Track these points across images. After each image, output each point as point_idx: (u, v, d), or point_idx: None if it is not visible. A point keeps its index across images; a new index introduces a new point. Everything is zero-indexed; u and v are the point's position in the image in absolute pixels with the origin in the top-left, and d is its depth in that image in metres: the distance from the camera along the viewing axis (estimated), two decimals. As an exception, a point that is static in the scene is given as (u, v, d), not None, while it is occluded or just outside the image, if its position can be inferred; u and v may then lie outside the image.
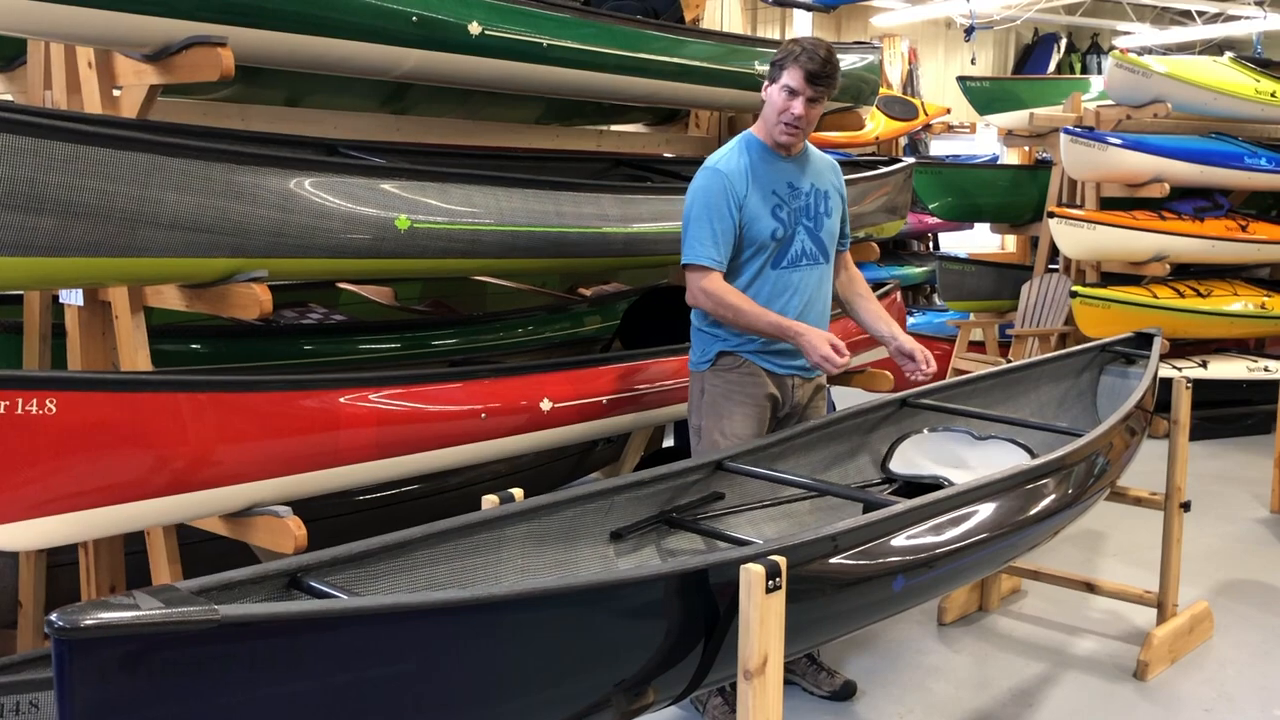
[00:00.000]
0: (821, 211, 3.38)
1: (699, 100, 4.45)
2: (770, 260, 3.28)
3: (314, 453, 2.95)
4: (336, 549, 1.83)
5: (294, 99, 4.34)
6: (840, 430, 3.46)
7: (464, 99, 4.67)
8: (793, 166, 3.33)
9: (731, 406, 3.30)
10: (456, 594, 1.53)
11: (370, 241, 3.07)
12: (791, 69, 3.16)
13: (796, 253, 3.32)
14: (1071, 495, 3.19)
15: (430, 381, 3.20)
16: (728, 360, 3.32)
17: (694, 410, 3.40)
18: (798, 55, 3.16)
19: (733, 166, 3.23)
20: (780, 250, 3.28)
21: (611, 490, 2.49)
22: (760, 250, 3.25)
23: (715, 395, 3.32)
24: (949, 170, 8.38)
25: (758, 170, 3.25)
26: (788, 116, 3.19)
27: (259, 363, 4.33)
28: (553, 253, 3.55)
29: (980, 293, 8.36)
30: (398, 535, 1.94)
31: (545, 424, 3.46)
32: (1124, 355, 4.56)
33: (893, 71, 12.01)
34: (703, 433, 3.35)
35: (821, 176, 3.41)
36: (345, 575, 1.83)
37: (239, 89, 4.08)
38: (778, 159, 3.30)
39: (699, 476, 2.81)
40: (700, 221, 3.18)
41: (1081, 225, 7.03)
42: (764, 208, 3.23)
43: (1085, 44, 13.74)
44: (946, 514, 2.59)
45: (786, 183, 3.30)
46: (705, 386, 3.35)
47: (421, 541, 1.98)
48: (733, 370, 3.31)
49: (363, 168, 3.09)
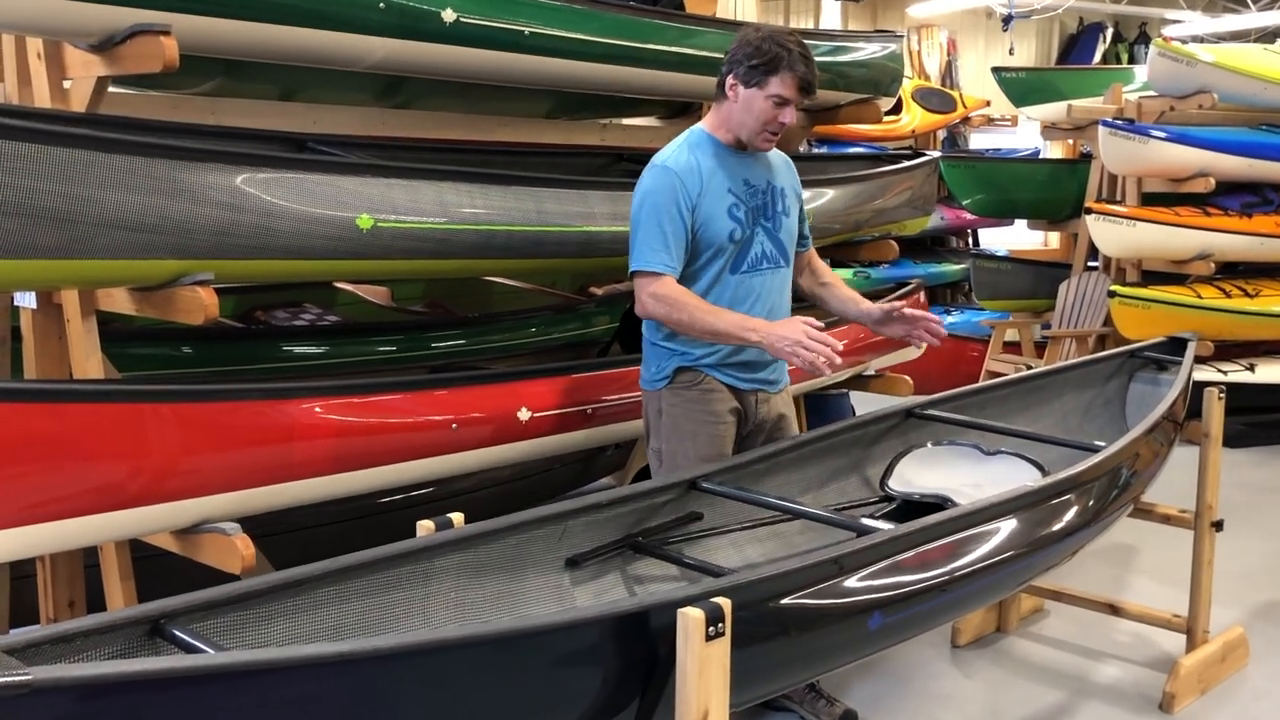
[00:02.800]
0: (779, 210, 3.11)
1: (695, 91, 4.22)
2: (729, 264, 3.02)
3: (266, 466, 2.78)
4: (215, 589, 1.64)
5: (288, 93, 4.19)
6: (838, 444, 3.23)
7: (464, 93, 4.50)
8: (749, 162, 3.06)
9: (694, 426, 3.03)
10: (322, 648, 1.33)
11: (328, 242, 2.89)
12: (784, 76, 2.87)
13: (756, 255, 3.06)
14: (1085, 517, 2.94)
15: (394, 390, 3.02)
16: (687, 377, 3.04)
17: (652, 432, 3.12)
18: (789, 61, 2.86)
19: (683, 163, 2.95)
20: (739, 253, 3.02)
21: (565, 514, 2.29)
22: (718, 254, 2.98)
23: (675, 416, 3.05)
24: (983, 164, 8.09)
25: (710, 167, 2.98)
26: (774, 126, 2.94)
27: (245, 366, 4.19)
28: (534, 253, 3.36)
29: (1016, 291, 8.08)
30: (296, 571, 1.75)
31: (522, 435, 3.26)
32: (1155, 361, 4.28)
33: (930, 63, 11.67)
34: (664, 456, 3.08)
35: (777, 173, 3.14)
36: (227, 619, 1.64)
37: (223, 83, 3.93)
38: (731, 154, 3.02)
39: (670, 497, 2.60)
40: (649, 225, 2.91)
41: (1121, 222, 6.73)
42: (719, 207, 2.96)
43: (1133, 33, 13.27)
44: (934, 542, 2.36)
45: (742, 180, 3.03)
46: (663, 407, 3.07)
47: (327, 578, 1.79)
48: (693, 388, 3.04)
49: (320, 164, 2.92)
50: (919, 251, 10.77)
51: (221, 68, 3.83)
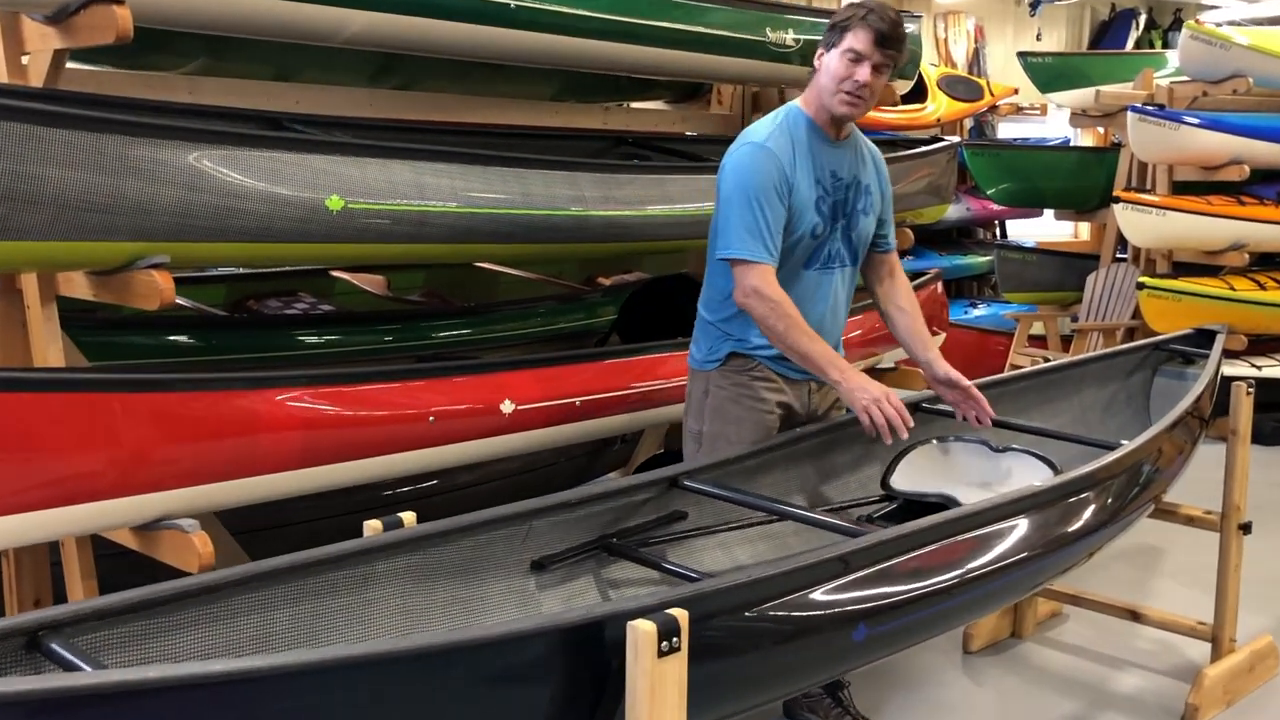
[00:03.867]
0: (859, 209, 2.95)
1: (705, 72, 4.05)
2: (805, 260, 2.88)
3: (230, 460, 2.64)
4: (113, 596, 1.49)
5: (282, 74, 4.05)
6: (839, 439, 3.05)
7: (465, 74, 4.34)
8: (839, 153, 2.90)
9: (741, 412, 2.91)
10: (210, 666, 1.18)
11: (295, 224, 2.74)
12: (857, 30, 2.73)
13: (829, 253, 2.92)
14: (1100, 518, 2.76)
15: (367, 381, 2.87)
16: (739, 362, 2.92)
17: (693, 413, 3.01)
18: (864, 16, 2.73)
19: (783, 145, 2.80)
20: (815, 249, 2.88)
21: (530, 513, 2.12)
22: (794, 247, 2.83)
23: (721, 399, 2.93)
24: (1008, 152, 7.85)
25: (804, 154, 2.82)
26: (850, 84, 2.74)
27: (232, 356, 4.05)
28: (521, 237, 3.19)
29: (1042, 283, 7.85)
30: (211, 576, 1.59)
31: (506, 428, 3.11)
32: (1181, 354, 4.07)
33: (957, 50, 11.38)
34: (704, 439, 2.95)
35: (864, 168, 2.98)
36: (125, 629, 1.49)
37: (207, 63, 3.80)
38: (825, 142, 2.86)
39: (650, 495, 2.43)
40: (747, 207, 2.73)
41: (1151, 211, 6.50)
42: (809, 199, 2.82)
43: (1167, 19, 12.89)
44: (929, 545, 2.18)
45: (830, 171, 2.87)
46: (710, 388, 2.95)
47: (248, 583, 1.63)
48: (744, 373, 2.91)
49: (286, 141, 2.77)
50: (944, 243, 10.52)
51: (204, 46, 3.70)
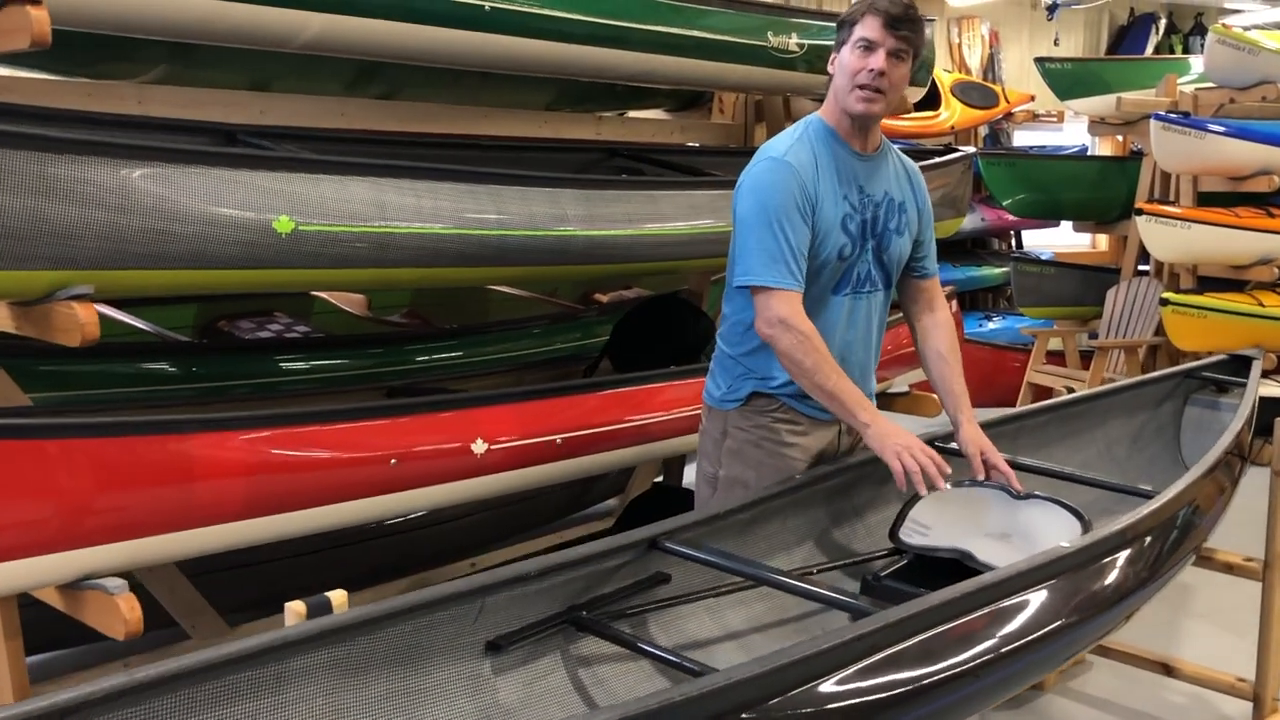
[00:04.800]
0: (891, 228, 2.64)
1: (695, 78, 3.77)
2: (832, 285, 2.60)
3: (162, 511, 2.37)
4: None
5: (260, 83, 3.80)
6: (843, 484, 2.77)
7: (455, 83, 4.08)
8: (868, 166, 2.61)
9: (761, 457, 2.63)
10: None
11: (240, 249, 2.47)
12: (866, 19, 2.46)
13: (859, 276, 2.63)
14: (1136, 578, 2.47)
15: (319, 421, 2.60)
16: (761, 402, 2.64)
17: (709, 456, 2.72)
18: (873, 2, 2.47)
19: (804, 159, 2.53)
20: (844, 273, 2.60)
21: (482, 589, 1.84)
22: (821, 270, 2.56)
23: (741, 442, 2.65)
24: (1025, 162, 7.56)
25: (829, 169, 2.56)
26: (865, 76, 2.46)
27: (195, 385, 3.79)
28: (495, 260, 2.92)
29: (1061, 298, 7.54)
30: (59, 699, 1.30)
31: (478, 470, 2.83)
32: (1215, 383, 3.78)
33: (971, 56, 11.09)
34: (720, 484, 2.68)
35: (898, 183, 2.69)
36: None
37: (169, 70, 3.54)
38: (851, 155, 2.58)
39: (625, 559, 2.15)
40: (767, 229, 2.46)
41: (1174, 224, 6.21)
42: (835, 217, 2.55)
43: (1188, 24, 12.58)
44: (942, 626, 1.90)
45: (858, 187, 2.59)
46: (729, 429, 2.67)
47: (116, 699, 1.35)
48: (766, 414, 2.63)
49: (230, 157, 2.50)
50: (958, 254, 10.25)
51: (166, 53, 3.45)
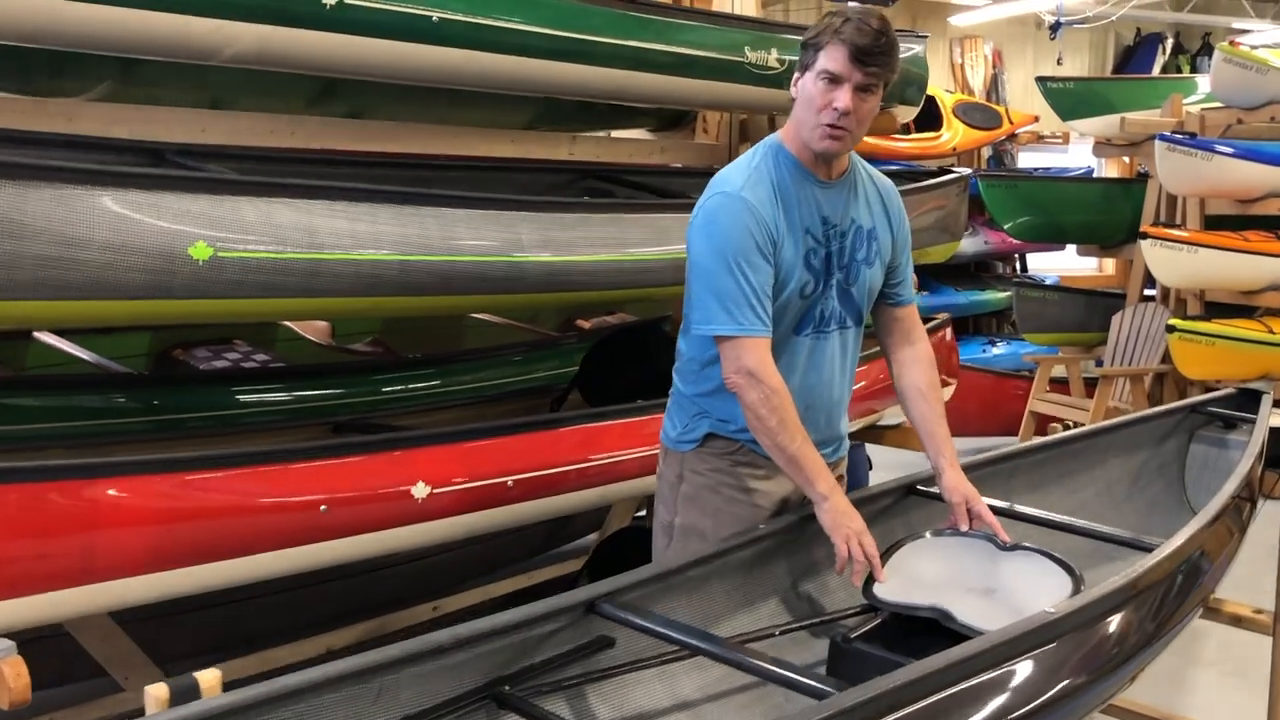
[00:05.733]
0: (860, 259, 2.40)
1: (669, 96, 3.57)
2: (795, 324, 2.37)
3: (56, 566, 2.16)
4: None
5: (219, 101, 3.62)
6: (811, 534, 2.53)
7: (426, 99, 3.89)
8: (831, 194, 2.36)
9: (720, 504, 2.41)
10: None
11: (149, 277, 2.27)
12: (831, 47, 2.22)
13: (823, 314, 2.40)
14: (1135, 641, 2.24)
15: (240, 464, 2.39)
16: (719, 444, 2.41)
17: (664, 501, 2.49)
18: (839, 28, 2.21)
19: (762, 194, 2.29)
20: (806, 311, 2.38)
21: (380, 666, 1.62)
22: (782, 312, 2.34)
23: (699, 487, 2.43)
24: (1026, 184, 7.36)
25: (788, 198, 2.32)
26: (829, 115, 2.22)
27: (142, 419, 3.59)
28: (439, 288, 2.71)
29: (1064, 323, 7.34)
30: None
31: (419, 516, 2.62)
32: (1222, 418, 3.55)
33: (974, 76, 10.90)
34: (677, 533, 2.46)
35: (867, 208, 2.44)
36: None
37: (115, 87, 3.36)
38: (813, 182, 2.34)
39: (558, 625, 1.92)
40: (727, 272, 2.24)
41: (1180, 248, 6.02)
42: (796, 253, 2.32)
43: (1195, 44, 12.39)
44: (918, 704, 1.68)
45: (821, 217, 2.35)
46: (684, 473, 2.45)
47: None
48: (724, 457, 2.41)
49: (141, 178, 2.30)
50: (961, 278, 10.04)
51: (114, 68, 3.27)
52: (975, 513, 2.49)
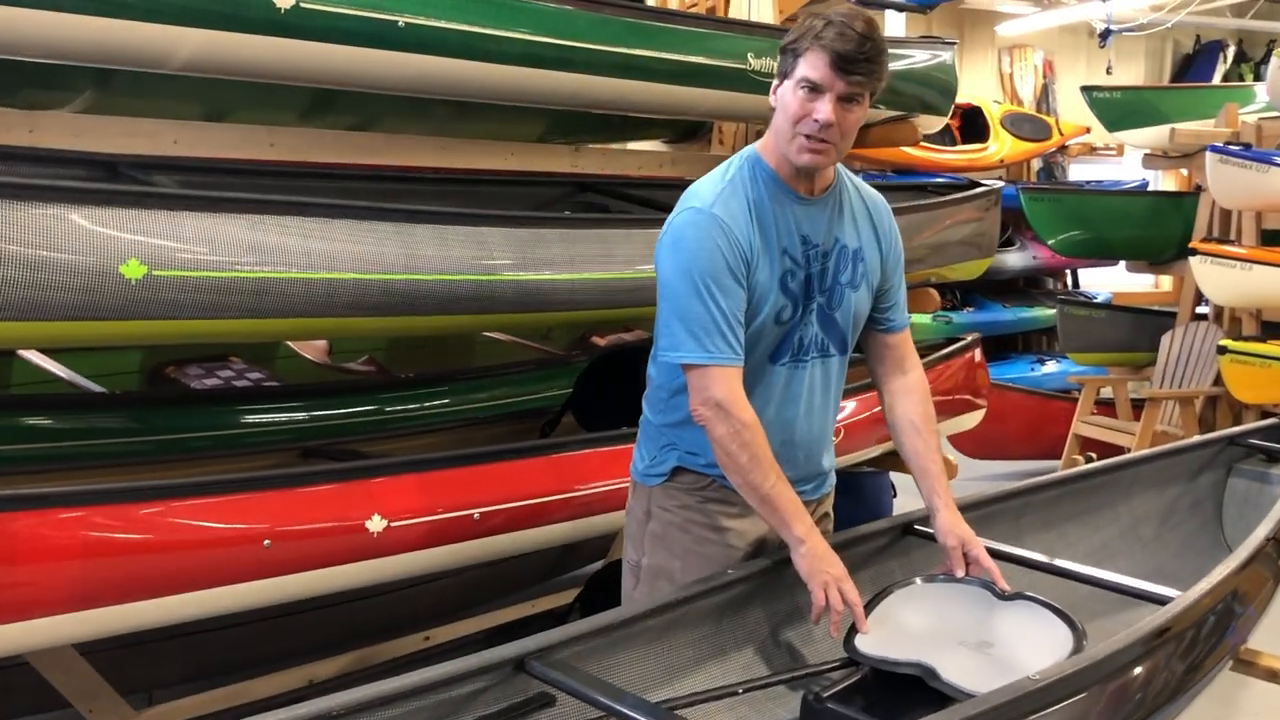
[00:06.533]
0: (843, 281, 2.21)
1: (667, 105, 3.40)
2: (771, 352, 2.18)
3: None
4: None
5: (214, 113, 3.53)
6: (789, 579, 2.31)
7: (427, 111, 3.77)
8: (812, 211, 2.18)
9: (689, 544, 2.23)
10: None
11: (76, 297, 2.13)
12: (811, 54, 2.03)
13: (802, 342, 2.21)
14: (1148, 705, 2.02)
15: (176, 496, 2.24)
16: (688, 479, 2.23)
17: (632, 540, 2.32)
18: (820, 32, 2.02)
19: (735, 209, 2.11)
20: (783, 339, 2.19)
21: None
22: (757, 338, 2.16)
23: (667, 525, 2.25)
24: (1071, 198, 7.06)
25: (764, 216, 2.14)
26: (808, 126, 2.05)
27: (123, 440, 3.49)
28: (401, 308, 2.55)
29: (1111, 343, 7.04)
30: None
31: (375, 551, 2.46)
32: (1264, 450, 3.29)
33: (1023, 86, 10.60)
34: (644, 576, 2.28)
35: (852, 226, 2.25)
36: None
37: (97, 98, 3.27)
38: (793, 198, 2.15)
39: (484, 684, 1.75)
40: (696, 296, 2.06)
41: (1234, 265, 5.72)
42: (772, 275, 2.14)
43: (1259, 51, 11.93)
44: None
45: (801, 236, 2.17)
46: (652, 509, 2.27)
47: None
48: (694, 492, 2.23)
49: (68, 192, 2.16)
50: (1010, 294, 9.75)
51: (92, 79, 3.18)
52: (972, 557, 2.27)
